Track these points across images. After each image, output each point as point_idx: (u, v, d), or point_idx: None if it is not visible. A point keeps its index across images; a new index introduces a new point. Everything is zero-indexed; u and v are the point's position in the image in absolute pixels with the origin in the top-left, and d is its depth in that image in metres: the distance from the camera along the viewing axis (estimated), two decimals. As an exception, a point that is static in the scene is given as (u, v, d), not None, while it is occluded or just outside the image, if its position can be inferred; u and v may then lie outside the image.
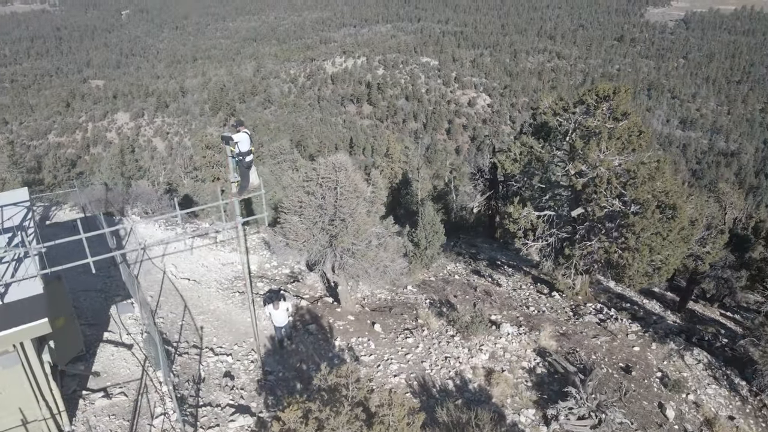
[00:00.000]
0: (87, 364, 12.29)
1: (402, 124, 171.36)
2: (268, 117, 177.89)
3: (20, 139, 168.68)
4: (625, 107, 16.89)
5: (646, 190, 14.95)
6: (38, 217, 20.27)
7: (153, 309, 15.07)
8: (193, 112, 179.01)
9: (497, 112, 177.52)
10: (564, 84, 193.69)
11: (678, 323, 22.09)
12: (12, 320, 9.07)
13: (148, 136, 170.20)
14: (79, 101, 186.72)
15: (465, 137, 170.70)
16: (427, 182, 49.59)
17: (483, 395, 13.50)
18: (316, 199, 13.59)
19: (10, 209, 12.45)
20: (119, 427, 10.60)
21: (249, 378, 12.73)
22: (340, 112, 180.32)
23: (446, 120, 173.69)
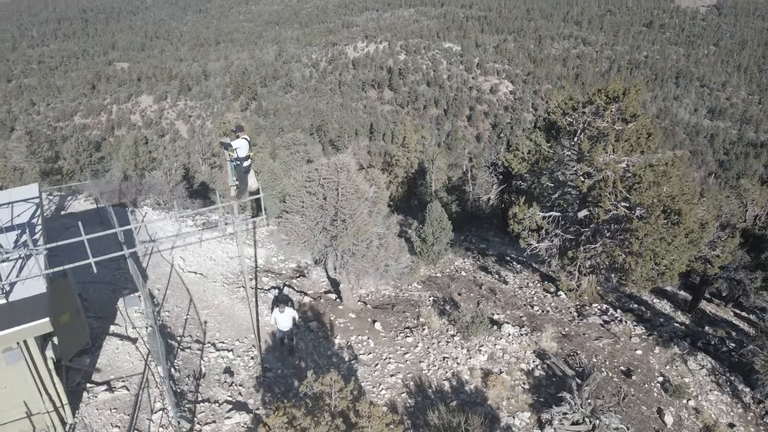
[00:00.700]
0: (92, 357, 12.70)
1: (423, 111, 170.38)
2: (289, 101, 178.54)
3: (47, 120, 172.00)
4: (634, 109, 16.65)
5: (651, 195, 14.79)
6: (54, 206, 20.81)
7: (160, 302, 15.45)
8: (215, 95, 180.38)
9: (519, 99, 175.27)
10: (589, 71, 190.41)
11: (686, 325, 21.89)
12: (15, 319, 9.43)
13: (170, 119, 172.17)
14: (104, 83, 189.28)
15: (486, 124, 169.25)
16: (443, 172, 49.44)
17: (479, 397, 13.63)
18: (318, 200, 13.73)
19: (20, 206, 12.83)
20: (120, 421, 10.98)
21: (248, 374, 13.03)
22: (361, 97, 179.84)
23: (467, 107, 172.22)
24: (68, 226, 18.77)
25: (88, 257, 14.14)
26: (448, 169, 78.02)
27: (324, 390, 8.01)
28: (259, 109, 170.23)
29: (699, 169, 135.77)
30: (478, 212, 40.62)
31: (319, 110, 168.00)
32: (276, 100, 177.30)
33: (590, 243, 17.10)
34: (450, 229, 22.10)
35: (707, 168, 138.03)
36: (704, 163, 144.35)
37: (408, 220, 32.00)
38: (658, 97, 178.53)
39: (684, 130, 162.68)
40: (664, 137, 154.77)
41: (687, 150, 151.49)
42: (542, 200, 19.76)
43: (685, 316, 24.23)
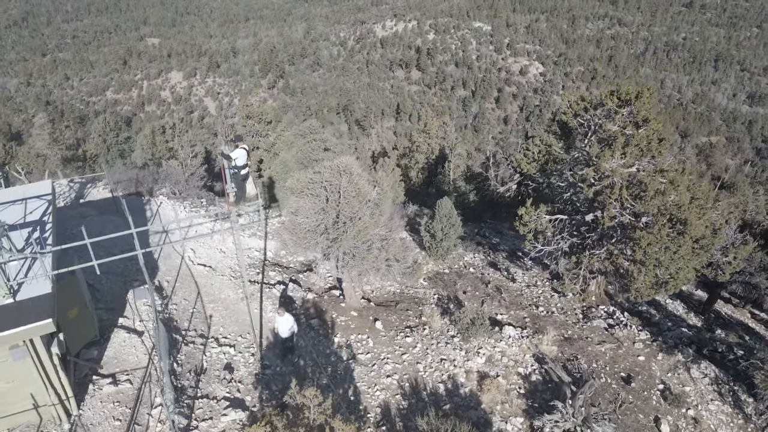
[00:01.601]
0: (100, 350, 13.26)
1: (450, 92, 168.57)
2: (316, 80, 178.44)
3: (80, 95, 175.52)
4: (646, 113, 16.33)
5: (656, 203, 14.58)
6: (74, 194, 21.47)
7: (168, 295, 15.95)
8: (243, 73, 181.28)
9: (550, 81, 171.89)
10: (623, 53, 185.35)
11: (696, 328, 21.63)
12: (21, 318, 9.93)
13: (199, 96, 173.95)
14: (135, 59, 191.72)
15: (514, 106, 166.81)
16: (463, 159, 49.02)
17: (473, 401, 13.83)
18: (319, 202, 13.93)
19: (33, 202, 13.33)
20: (122, 414, 11.51)
21: (248, 371, 13.45)
22: (389, 77, 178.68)
23: (496, 88, 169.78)
24: (85, 215, 19.40)
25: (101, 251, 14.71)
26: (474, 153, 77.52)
27: (305, 402, 8.31)
28: (286, 88, 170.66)
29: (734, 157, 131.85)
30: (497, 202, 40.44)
31: (346, 89, 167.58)
32: (303, 78, 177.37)
33: (595, 248, 16.98)
34: (459, 226, 22.14)
35: (743, 156, 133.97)
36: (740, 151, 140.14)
37: (423, 210, 32.06)
38: (695, 81, 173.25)
39: (721, 116, 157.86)
40: (698, 123, 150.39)
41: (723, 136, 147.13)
42: (554, 198, 19.63)
43: (698, 318, 23.93)
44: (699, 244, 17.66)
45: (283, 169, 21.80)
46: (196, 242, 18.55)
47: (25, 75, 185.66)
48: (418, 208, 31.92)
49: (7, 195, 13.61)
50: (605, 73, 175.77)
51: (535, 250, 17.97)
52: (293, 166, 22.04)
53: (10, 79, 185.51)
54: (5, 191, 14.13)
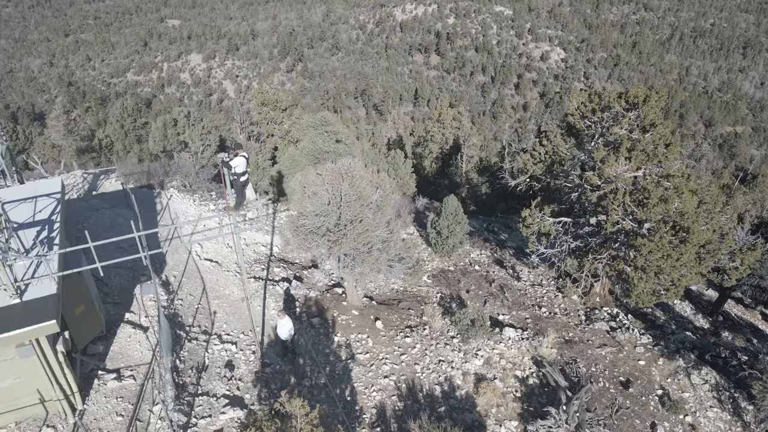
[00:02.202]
0: (106, 345, 13.67)
1: (469, 77, 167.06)
2: (335, 64, 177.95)
3: (101, 76, 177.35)
4: (654, 117, 16.18)
5: (659, 211, 14.50)
6: (87, 186, 21.92)
7: (175, 290, 16.33)
8: (263, 55, 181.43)
9: (571, 67, 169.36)
10: (648, 39, 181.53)
11: (703, 331, 21.54)
12: (27, 319, 10.29)
13: (218, 79, 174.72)
14: (156, 41, 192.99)
15: (534, 93, 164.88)
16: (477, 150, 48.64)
17: (468, 403, 14.03)
18: (321, 205, 14.10)
19: (43, 200, 13.69)
20: (124, 410, 11.92)
21: (248, 369, 13.78)
22: (407, 61, 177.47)
23: (516, 74, 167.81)
24: (96, 207, 19.82)
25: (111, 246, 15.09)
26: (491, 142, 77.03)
27: (293, 412, 8.57)
28: (304, 71, 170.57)
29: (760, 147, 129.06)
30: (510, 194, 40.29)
31: (364, 74, 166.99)
32: (322, 62, 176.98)
33: (598, 252, 16.95)
34: (466, 223, 22.18)
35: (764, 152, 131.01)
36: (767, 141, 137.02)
37: (432, 203, 32.11)
38: (721, 69, 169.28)
39: (747, 105, 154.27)
40: (724, 112, 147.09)
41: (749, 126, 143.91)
42: (561, 198, 19.57)
43: (706, 319, 23.79)
44: (705, 249, 17.54)
45: (291, 163, 21.98)
46: (204, 236, 18.86)
47: (48, 55, 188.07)
48: (428, 201, 32.00)
49: (18, 192, 13.98)
50: (629, 60, 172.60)
51: (537, 252, 17.99)
52: (303, 160, 22.20)
53: (33, 60, 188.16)
54: (16, 188, 14.51)
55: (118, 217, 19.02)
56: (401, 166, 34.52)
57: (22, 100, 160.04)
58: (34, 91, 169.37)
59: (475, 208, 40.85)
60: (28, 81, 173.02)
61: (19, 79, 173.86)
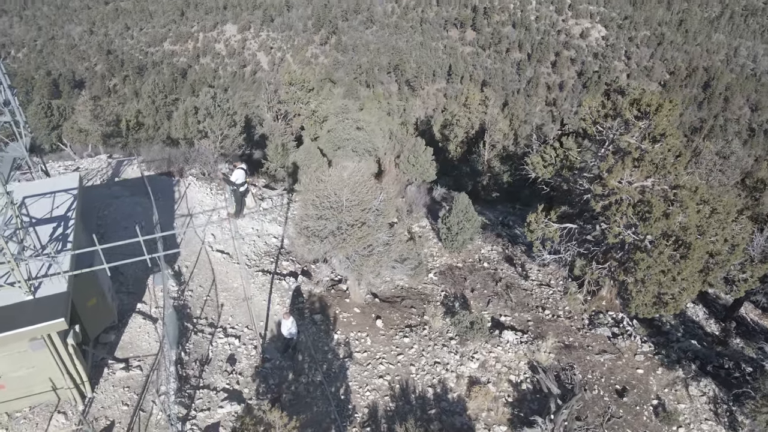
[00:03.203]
0: (117, 335, 14.49)
1: (505, 54, 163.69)
2: (369, 38, 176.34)
3: (139, 45, 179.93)
4: (664, 127, 15.92)
5: (660, 226, 14.42)
6: (110, 172, 22.77)
7: (186, 280, 17.05)
8: (297, 27, 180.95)
9: (611, 46, 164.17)
10: (696, 17, 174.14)
11: (710, 338, 21.34)
12: (39, 316, 11.05)
13: (252, 50, 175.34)
14: (192, 10, 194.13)
15: (571, 72, 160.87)
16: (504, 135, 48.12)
17: (459, 406, 14.44)
18: (321, 210, 14.48)
19: (60, 196, 14.41)
20: (130, 399, 12.72)
21: (249, 363, 14.44)
22: (442, 36, 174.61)
23: (553, 52, 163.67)
24: (117, 195, 20.63)
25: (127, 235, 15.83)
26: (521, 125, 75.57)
27: (273, 422, 9.11)
28: (338, 44, 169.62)
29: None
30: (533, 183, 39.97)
31: (398, 48, 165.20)
32: (356, 35, 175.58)
33: (600, 262, 16.96)
34: (476, 220, 22.30)
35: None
36: None
37: (450, 193, 32.14)
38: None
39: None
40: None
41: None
42: (572, 200, 19.52)
43: (718, 324, 23.52)
44: (714, 260, 17.37)
45: (307, 155, 22.37)
46: (218, 226, 19.48)
47: (88, 23, 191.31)
48: (446, 191, 32.05)
49: (37, 188, 14.73)
50: (673, 39, 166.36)
51: (541, 257, 18.08)
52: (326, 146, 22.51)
53: (74, 27, 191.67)
54: (35, 184, 15.28)
55: (137, 205, 19.79)
56: (422, 154, 34.57)
57: (64, 67, 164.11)
58: (75, 59, 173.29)
59: (498, 195, 40.75)
60: (69, 48, 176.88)
61: (60, 46, 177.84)
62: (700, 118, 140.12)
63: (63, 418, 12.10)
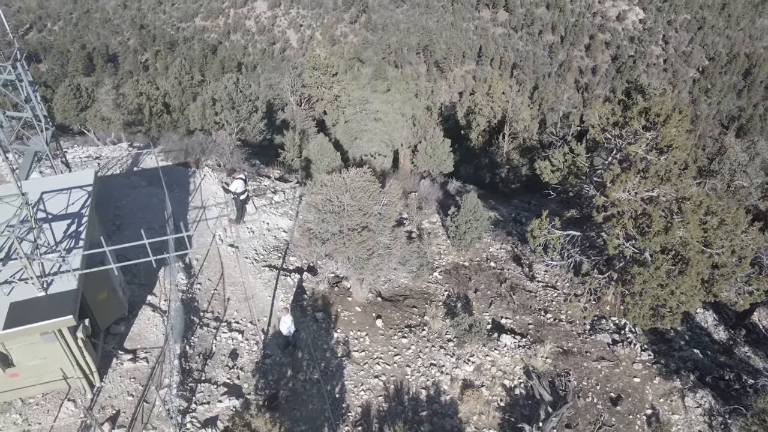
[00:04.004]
0: (127, 326, 15.22)
1: (537, 36, 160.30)
2: (399, 17, 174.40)
3: (171, 20, 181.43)
4: (671, 138, 15.78)
5: (659, 241, 14.42)
6: (130, 161, 23.51)
7: (196, 273, 17.70)
8: (327, 5, 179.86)
9: (649, 29, 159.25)
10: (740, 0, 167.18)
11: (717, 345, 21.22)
12: (50, 312, 11.77)
13: (282, 27, 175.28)
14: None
15: (605, 56, 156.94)
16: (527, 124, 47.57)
17: (451, 409, 14.85)
18: (323, 213, 14.86)
19: (75, 192, 15.07)
20: (135, 390, 13.44)
21: (250, 359, 15.05)
22: (474, 17, 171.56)
23: (587, 35, 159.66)
24: (135, 185, 21.35)
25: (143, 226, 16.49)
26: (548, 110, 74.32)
27: (259, 427, 9.64)
28: (368, 23, 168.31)
29: None
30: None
31: (428, 28, 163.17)
32: (386, 14, 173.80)
33: (602, 271, 17.02)
34: (484, 219, 22.43)
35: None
36: None
37: (465, 187, 32.20)
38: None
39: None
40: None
41: None
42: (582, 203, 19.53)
43: (727, 331, 23.32)
44: (719, 272, 17.29)
45: (319, 150, 22.72)
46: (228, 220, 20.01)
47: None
48: (461, 184, 32.08)
49: (52, 183, 15.41)
50: (715, 23, 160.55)
51: (543, 263, 18.20)
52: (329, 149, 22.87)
53: (108, 1, 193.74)
54: (51, 179, 15.98)
55: (153, 197, 20.47)
56: (439, 146, 34.63)
57: (98, 41, 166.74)
58: (109, 33, 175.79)
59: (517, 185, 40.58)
60: (103, 22, 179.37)
61: (95, 20, 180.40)
62: (738, 107, 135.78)
63: (72, 405, 12.88)
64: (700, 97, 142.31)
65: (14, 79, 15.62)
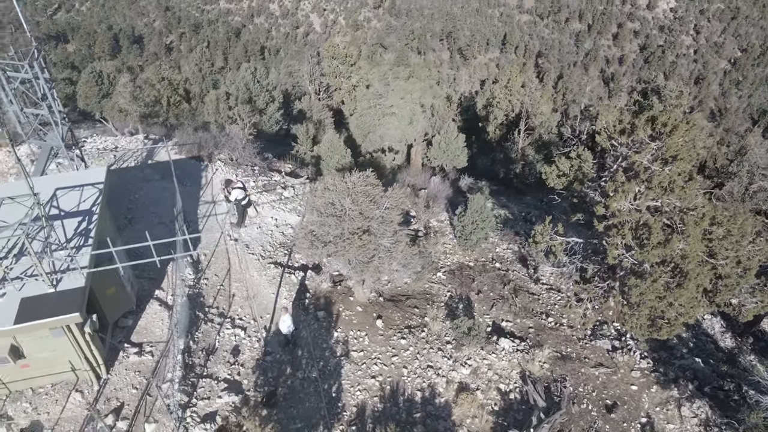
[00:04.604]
0: (135, 320, 15.80)
1: (564, 24, 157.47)
2: (423, 2, 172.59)
3: (195, 2, 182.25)
4: (677, 149, 15.67)
5: (656, 254, 14.42)
6: (144, 153, 24.05)
7: (203, 268, 18.19)
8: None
9: (680, 19, 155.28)
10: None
11: (722, 353, 21.14)
12: (57, 309, 12.31)
13: (306, 11, 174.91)
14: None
15: (633, 45, 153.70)
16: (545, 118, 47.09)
17: (445, 411, 15.16)
18: (324, 217, 15.15)
19: (88, 190, 15.58)
20: (139, 384, 14.01)
21: (251, 355, 15.52)
22: (499, 3, 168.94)
23: (616, 23, 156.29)
24: (149, 178, 21.89)
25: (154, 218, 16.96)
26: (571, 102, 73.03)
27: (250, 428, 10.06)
28: (392, 8, 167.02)
29: None
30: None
31: (453, 14, 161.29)
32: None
33: (603, 278, 17.07)
34: (492, 220, 22.52)
35: None
36: None
37: (477, 183, 32.20)
38: None
39: None
40: None
41: None
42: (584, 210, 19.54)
43: (734, 339, 23.18)
44: (723, 283, 17.24)
45: (329, 147, 22.97)
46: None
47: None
48: (473, 181, 32.08)
49: (66, 180, 15.94)
50: (749, 13, 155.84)
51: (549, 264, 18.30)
52: (340, 145, 23.09)
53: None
54: (65, 176, 16.52)
55: (165, 191, 20.98)
56: (453, 141, 34.61)
57: (124, 23, 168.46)
58: (135, 14, 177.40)
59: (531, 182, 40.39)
60: (129, 3, 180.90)
61: (121, 1, 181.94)
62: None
63: (80, 396, 13.50)
64: (731, 89, 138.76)
65: (31, 78, 16.11)
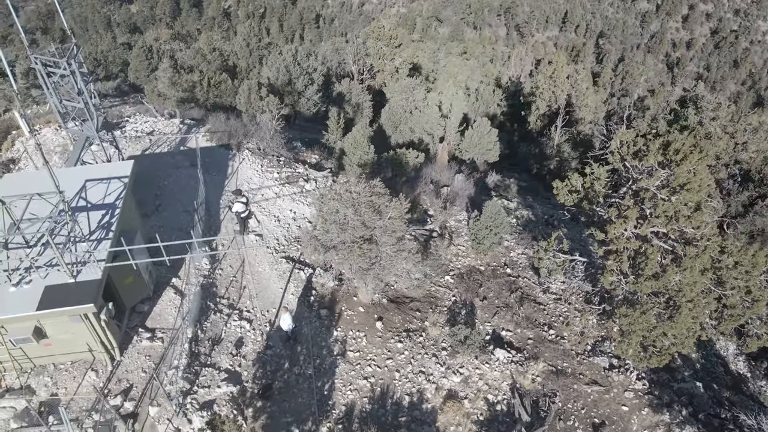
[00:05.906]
0: (150, 306, 17.08)
1: (630, 3, 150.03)
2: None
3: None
4: (685, 178, 15.46)
5: (649, 286, 14.46)
6: (178, 139, 25.24)
7: (219, 259, 19.28)
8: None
9: (758, 2, 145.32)
10: None
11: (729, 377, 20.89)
12: (75, 298, 13.59)
13: None
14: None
15: (705, 29, 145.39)
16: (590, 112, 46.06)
17: (430, 417, 15.85)
18: (328, 224, 15.84)
19: (114, 183, 16.77)
20: (148, 368, 15.28)
21: (253, 348, 16.57)
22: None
23: (687, 4, 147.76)
24: (179, 165, 23.08)
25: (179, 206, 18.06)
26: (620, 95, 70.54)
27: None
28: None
29: None
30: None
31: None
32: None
33: (602, 300, 17.17)
34: (507, 225, 22.68)
35: None
36: None
37: (505, 181, 32.06)
38: None
39: None
40: None
41: None
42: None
43: (747, 363, 22.76)
44: (729, 312, 17.11)
45: (353, 143, 23.52)
46: (256, 207, 21.36)
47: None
48: (500, 178, 31.95)
49: (95, 172, 17.17)
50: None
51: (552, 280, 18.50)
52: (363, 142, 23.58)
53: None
54: (94, 168, 17.77)
55: (192, 179, 22.13)
56: (485, 135, 34.47)
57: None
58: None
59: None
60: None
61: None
62: None
63: (95, 375, 14.90)
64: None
65: (68, 75, 17.28)
